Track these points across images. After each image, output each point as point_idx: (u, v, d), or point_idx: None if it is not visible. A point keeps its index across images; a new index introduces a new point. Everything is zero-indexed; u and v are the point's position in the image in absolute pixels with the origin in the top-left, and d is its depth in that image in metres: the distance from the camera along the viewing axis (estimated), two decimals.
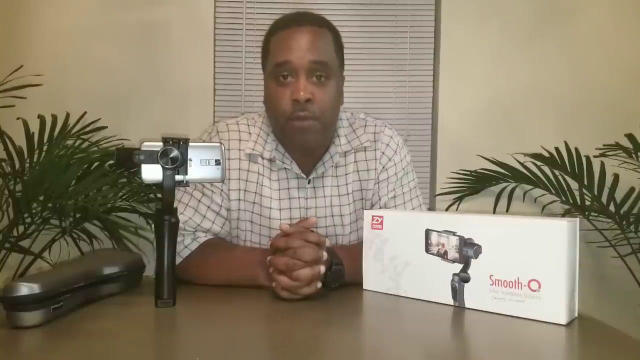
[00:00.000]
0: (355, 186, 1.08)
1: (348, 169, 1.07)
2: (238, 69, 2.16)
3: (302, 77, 0.95)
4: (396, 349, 0.60)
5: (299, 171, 1.04)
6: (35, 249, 1.71)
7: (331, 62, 0.99)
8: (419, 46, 2.19)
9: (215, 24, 2.14)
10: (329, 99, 0.98)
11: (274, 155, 1.04)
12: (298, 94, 0.94)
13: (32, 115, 1.75)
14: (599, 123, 2.11)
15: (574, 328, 0.69)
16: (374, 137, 1.08)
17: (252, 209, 1.05)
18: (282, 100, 0.96)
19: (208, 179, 0.82)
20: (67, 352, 0.58)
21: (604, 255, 1.98)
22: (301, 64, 0.95)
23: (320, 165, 1.05)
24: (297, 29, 0.97)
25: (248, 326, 0.71)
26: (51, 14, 2.06)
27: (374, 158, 1.08)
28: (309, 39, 0.96)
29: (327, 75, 0.98)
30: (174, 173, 0.77)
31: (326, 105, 0.97)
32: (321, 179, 1.06)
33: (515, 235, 0.72)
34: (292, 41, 0.96)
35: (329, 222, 1.07)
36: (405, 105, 2.19)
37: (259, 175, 1.05)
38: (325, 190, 1.06)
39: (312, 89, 0.95)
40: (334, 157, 1.05)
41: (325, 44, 0.99)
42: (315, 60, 0.96)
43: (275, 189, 1.05)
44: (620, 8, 2.14)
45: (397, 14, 2.19)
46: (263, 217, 1.04)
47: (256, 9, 2.15)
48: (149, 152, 0.76)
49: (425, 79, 2.20)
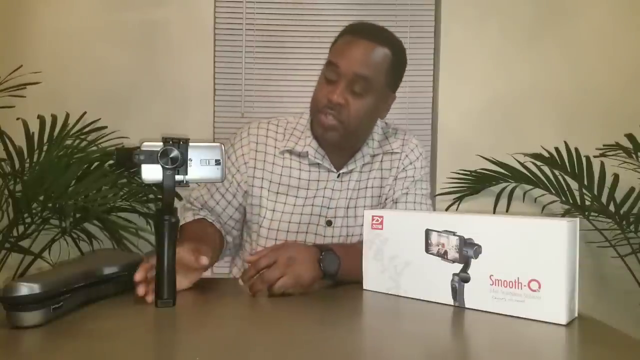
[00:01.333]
0: (375, 182, 1.15)
1: (373, 167, 1.15)
2: (238, 69, 2.16)
3: (342, 83, 1.02)
4: (396, 349, 0.60)
5: (329, 165, 1.12)
6: (35, 249, 1.71)
7: (375, 79, 1.03)
8: (419, 46, 2.19)
9: (215, 24, 2.14)
10: (361, 111, 1.04)
11: (307, 150, 1.11)
12: (332, 96, 1.01)
13: (31, 115, 1.75)
14: (599, 123, 2.11)
15: (574, 328, 0.69)
16: (402, 142, 1.17)
17: (275, 198, 1.11)
18: (320, 94, 1.05)
19: (208, 179, 0.82)
20: (67, 352, 0.58)
21: (604, 255, 1.98)
22: (345, 72, 1.01)
23: (352, 162, 1.13)
24: (358, 40, 1.03)
25: (248, 326, 0.71)
26: (51, 14, 2.06)
27: (398, 159, 1.16)
28: (362, 52, 1.02)
29: (365, 91, 1.03)
30: (174, 173, 0.77)
31: (355, 115, 1.03)
32: (349, 174, 1.13)
33: (515, 235, 0.72)
34: (348, 49, 1.03)
35: (345, 214, 1.12)
36: (405, 105, 2.19)
37: (284, 168, 1.12)
38: (350, 184, 1.13)
39: (347, 97, 1.02)
40: (365, 157, 1.13)
41: (375, 61, 1.03)
42: (358, 74, 1.01)
43: (305, 179, 1.11)
44: (620, 8, 2.14)
45: (397, 14, 2.19)
46: (287, 205, 1.11)
47: (256, 9, 2.15)
48: (149, 152, 0.76)
49: (425, 79, 2.20)
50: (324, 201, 1.11)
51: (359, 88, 1.02)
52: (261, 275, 0.84)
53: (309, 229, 1.11)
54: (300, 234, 1.11)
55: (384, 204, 1.14)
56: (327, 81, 1.04)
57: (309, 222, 1.11)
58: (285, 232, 1.11)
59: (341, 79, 1.02)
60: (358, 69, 1.01)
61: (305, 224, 1.11)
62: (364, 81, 1.02)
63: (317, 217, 1.11)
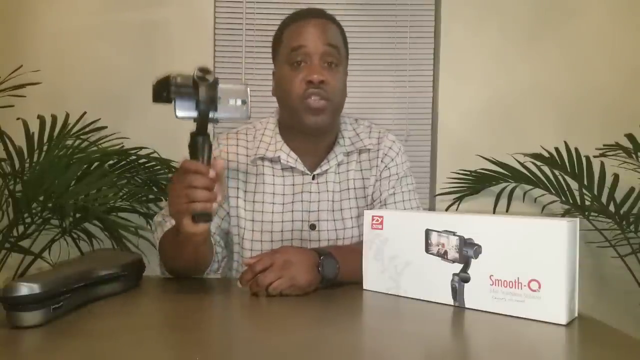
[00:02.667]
0: (357, 183, 1.12)
1: (350, 167, 1.12)
2: (238, 69, 2.16)
3: (315, 61, 1.01)
4: (396, 349, 0.60)
5: (303, 168, 1.09)
6: (35, 249, 1.71)
7: (341, 49, 1.06)
8: (419, 46, 2.19)
9: (215, 24, 2.14)
10: (339, 83, 1.04)
11: (279, 154, 1.08)
12: (312, 76, 0.99)
13: (31, 115, 1.75)
14: (599, 123, 2.11)
15: (574, 328, 0.69)
16: (377, 140, 1.15)
17: (252, 207, 1.08)
18: (295, 82, 1.01)
19: (234, 117, 0.83)
20: (67, 352, 0.58)
21: (604, 255, 1.98)
22: (315, 48, 1.01)
23: (325, 163, 1.09)
24: (311, 20, 1.04)
25: (248, 326, 0.71)
26: (51, 14, 2.06)
27: (376, 157, 1.13)
28: (322, 27, 1.03)
29: (338, 62, 1.04)
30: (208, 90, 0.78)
31: (337, 89, 1.03)
32: (325, 175, 1.10)
33: (515, 235, 0.72)
34: (306, 29, 1.03)
35: (330, 217, 1.09)
36: (405, 105, 2.19)
37: (258, 175, 1.09)
38: (328, 186, 1.10)
39: (324, 72, 1.01)
40: (339, 156, 1.10)
41: (335, 34, 1.06)
42: (329, 43, 1.02)
43: (280, 185, 1.08)
44: (620, 8, 2.14)
45: (397, 14, 2.19)
46: (265, 213, 1.07)
47: (256, 9, 2.16)
48: (186, 75, 0.79)
49: (425, 79, 2.20)
50: (303, 205, 1.08)
51: (332, 60, 1.02)
52: (257, 278, 0.84)
53: (293, 235, 1.08)
54: (285, 241, 1.07)
55: (372, 205, 1.12)
56: (295, 68, 1.02)
57: (292, 229, 1.08)
58: (270, 242, 1.07)
59: (313, 58, 1.01)
60: (327, 40, 1.02)
61: (289, 231, 1.08)
62: (336, 51, 1.03)
63: (299, 223, 1.08)
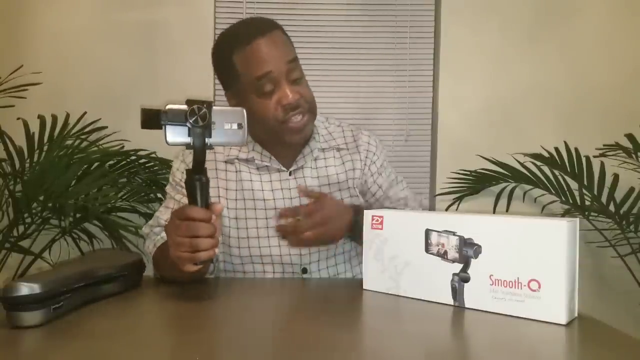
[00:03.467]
0: (341, 177, 1.14)
1: (329, 163, 1.14)
2: None
3: (284, 83, 1.00)
4: (396, 349, 0.60)
5: (279, 165, 1.10)
6: (35, 249, 1.71)
7: (297, 58, 1.04)
8: (419, 46, 2.19)
9: (215, 24, 2.14)
10: (309, 91, 1.05)
11: (252, 155, 1.09)
12: (288, 99, 0.99)
13: (32, 115, 1.75)
14: (599, 123, 2.11)
15: (574, 328, 0.69)
16: (353, 138, 1.18)
17: (235, 205, 1.08)
18: (269, 110, 1.00)
19: (230, 142, 0.81)
20: (67, 352, 0.58)
21: (604, 255, 1.98)
22: (280, 71, 0.99)
23: (301, 158, 1.11)
24: (261, 40, 0.99)
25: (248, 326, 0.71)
26: (51, 14, 2.06)
27: (356, 152, 1.16)
28: (276, 43, 1.00)
29: (299, 70, 1.04)
30: (203, 132, 0.76)
31: (310, 97, 1.05)
32: (301, 170, 1.11)
33: (515, 235, 0.72)
34: (263, 51, 0.99)
35: None
36: (405, 105, 2.19)
37: (237, 173, 1.09)
38: (307, 181, 1.11)
39: (294, 89, 1.01)
40: (314, 151, 1.12)
41: (287, 43, 1.04)
42: (290, 60, 1.01)
43: (257, 182, 1.09)
44: (619, 8, 2.14)
45: (397, 14, 2.19)
46: (248, 210, 1.08)
47: (256, 9, 2.15)
48: (177, 110, 0.75)
49: (425, 79, 2.20)
50: (285, 202, 1.08)
51: (296, 73, 1.01)
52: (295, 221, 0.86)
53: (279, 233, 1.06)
54: (272, 238, 1.07)
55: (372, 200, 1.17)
56: (264, 95, 1.00)
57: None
58: (256, 239, 1.07)
59: (280, 81, 0.99)
60: (285, 56, 1.00)
61: (274, 227, 1.07)
62: (295, 63, 1.02)
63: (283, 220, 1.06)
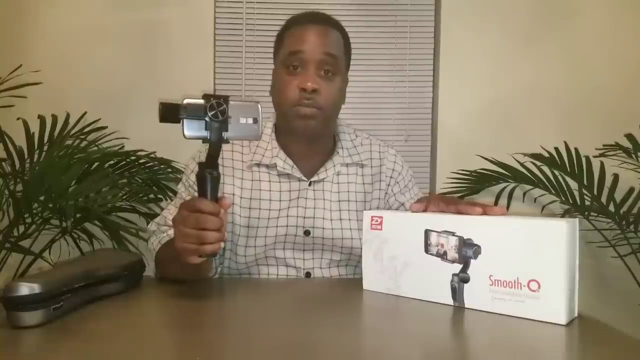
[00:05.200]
0: (359, 197, 1.12)
1: (350, 179, 1.12)
2: (238, 69, 2.16)
3: (311, 69, 1.01)
4: (396, 349, 0.60)
5: (300, 175, 1.07)
6: (36, 249, 1.71)
7: (339, 59, 1.05)
8: (419, 46, 2.19)
9: (215, 24, 2.14)
10: (334, 93, 1.03)
11: (275, 161, 1.07)
12: (305, 84, 0.99)
13: (32, 115, 1.75)
14: (599, 123, 2.11)
15: (574, 328, 0.69)
16: (379, 155, 1.16)
17: (248, 214, 1.07)
18: (289, 88, 1.01)
19: (246, 136, 0.80)
20: (67, 352, 0.58)
21: (604, 255, 1.98)
22: (312, 56, 1.00)
23: (323, 171, 1.09)
24: (312, 26, 1.03)
25: (248, 326, 0.71)
26: (51, 14, 2.07)
27: (379, 172, 1.14)
28: (322, 34, 1.03)
29: (335, 71, 1.03)
30: (220, 126, 0.76)
31: (330, 99, 1.02)
32: (322, 184, 1.09)
33: (515, 235, 0.72)
34: (306, 35, 1.02)
35: (327, 225, 1.08)
36: (405, 105, 2.19)
37: (254, 181, 1.08)
38: (326, 194, 1.09)
39: (319, 81, 1.00)
40: (337, 166, 1.10)
41: (336, 42, 1.05)
42: (326, 52, 1.01)
43: (276, 191, 1.07)
44: (620, 8, 2.14)
45: (397, 14, 2.19)
46: (261, 219, 1.06)
47: (256, 9, 2.16)
48: (197, 105, 0.75)
49: (425, 79, 2.20)
50: (299, 211, 1.07)
51: (328, 69, 1.02)
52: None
53: (287, 239, 1.07)
54: (278, 243, 1.07)
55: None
56: (290, 72, 1.02)
57: (286, 234, 1.06)
58: (263, 247, 1.06)
59: (308, 65, 1.00)
60: (325, 48, 1.01)
61: (282, 235, 1.06)
62: (334, 60, 1.02)
63: (293, 228, 1.06)
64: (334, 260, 1.10)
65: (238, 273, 1.10)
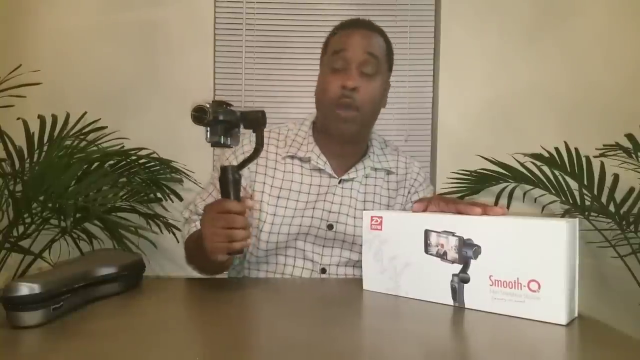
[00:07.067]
0: (384, 200, 1.18)
1: (377, 182, 1.18)
2: (238, 69, 2.16)
3: (353, 68, 1.06)
4: (396, 349, 0.60)
5: (331, 171, 1.14)
6: (35, 249, 1.71)
7: (381, 60, 1.10)
8: (419, 46, 2.19)
9: (215, 24, 2.14)
10: (373, 93, 1.08)
11: (309, 155, 1.13)
12: (347, 82, 1.04)
13: (32, 115, 1.75)
14: (598, 123, 2.11)
15: (574, 328, 0.69)
16: (405, 165, 1.23)
17: (276, 203, 1.11)
18: (331, 86, 1.07)
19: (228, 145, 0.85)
20: (67, 352, 0.58)
21: (604, 255, 1.98)
22: (354, 55, 1.06)
23: (353, 171, 1.15)
24: (356, 29, 1.10)
25: (248, 326, 0.71)
26: (51, 14, 2.06)
27: (404, 179, 1.21)
28: (365, 36, 1.09)
29: (375, 72, 1.08)
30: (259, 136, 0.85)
31: (369, 98, 1.08)
32: (350, 182, 1.15)
33: (515, 236, 0.72)
34: (350, 36, 1.09)
35: (351, 222, 1.13)
36: (405, 105, 2.19)
37: (286, 173, 1.13)
38: (353, 193, 1.14)
39: (360, 80, 1.06)
40: (366, 169, 1.17)
41: (377, 44, 1.10)
42: (368, 52, 1.06)
43: (307, 184, 1.13)
44: (620, 8, 2.14)
45: (397, 14, 2.19)
46: (288, 209, 1.11)
47: (256, 9, 2.16)
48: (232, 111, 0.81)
49: (425, 79, 2.20)
50: (325, 205, 1.12)
51: (369, 69, 1.06)
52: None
53: (310, 231, 1.11)
54: (301, 235, 1.11)
55: None
56: (334, 71, 1.07)
57: (310, 225, 1.11)
58: (286, 235, 1.11)
59: (351, 64, 1.06)
60: (368, 48, 1.06)
61: (307, 227, 1.11)
62: (375, 60, 1.07)
63: (318, 221, 1.11)
64: (351, 260, 1.13)
65: (257, 262, 1.13)
